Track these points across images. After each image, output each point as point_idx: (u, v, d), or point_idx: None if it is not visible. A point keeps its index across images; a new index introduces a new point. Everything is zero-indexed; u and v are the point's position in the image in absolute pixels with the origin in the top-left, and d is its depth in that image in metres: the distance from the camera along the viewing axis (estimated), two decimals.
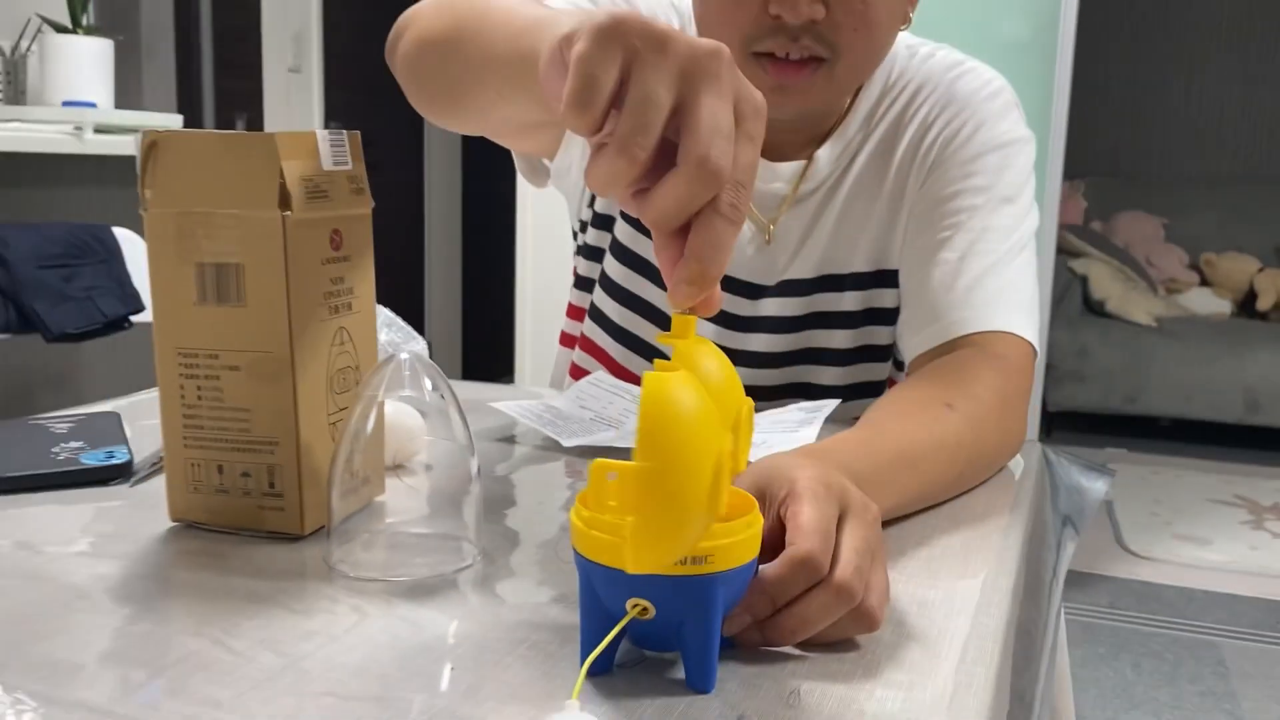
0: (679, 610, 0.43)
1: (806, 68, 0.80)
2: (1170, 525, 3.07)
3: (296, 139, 0.58)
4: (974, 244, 0.85)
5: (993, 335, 0.81)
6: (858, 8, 0.78)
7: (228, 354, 0.59)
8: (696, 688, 0.44)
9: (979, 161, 0.88)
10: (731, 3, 0.80)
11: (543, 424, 0.82)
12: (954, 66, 0.92)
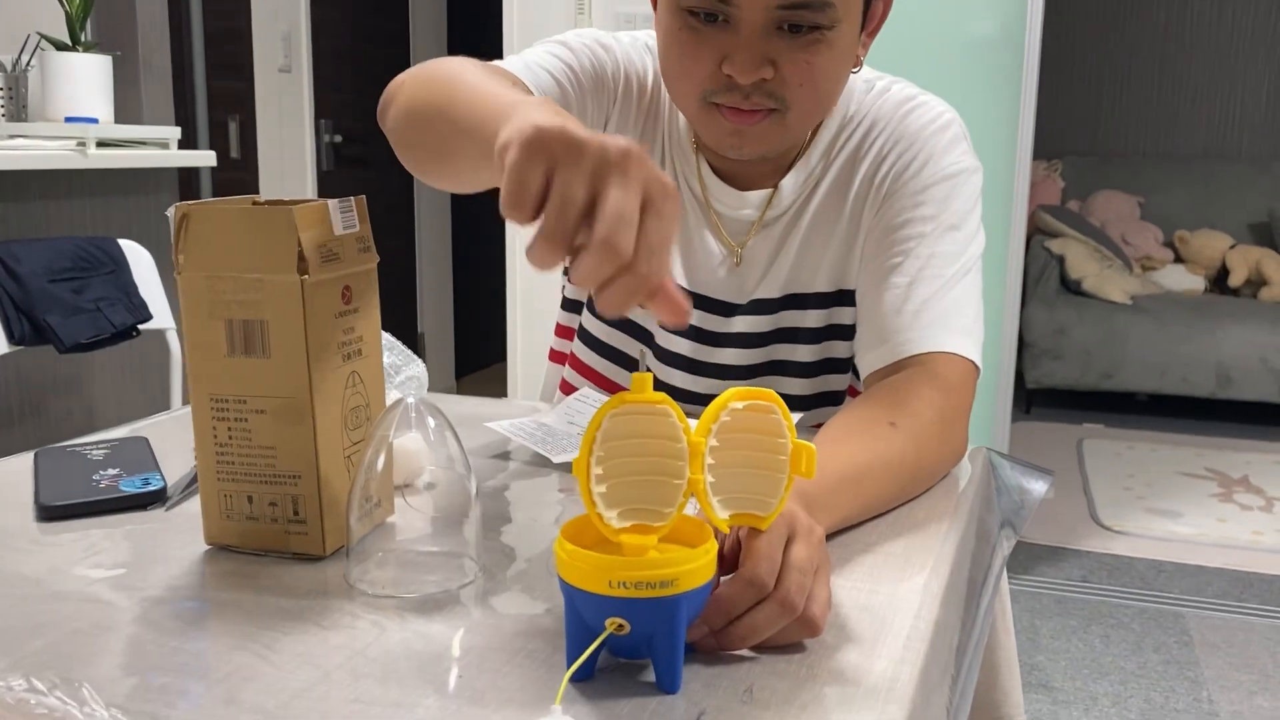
0: (649, 625, 0.52)
1: (759, 115, 0.88)
2: (1143, 499, 3.17)
3: (311, 210, 0.66)
4: (921, 270, 0.93)
5: (936, 356, 0.89)
6: (803, 66, 0.85)
7: (255, 399, 0.67)
8: (665, 689, 0.53)
9: (927, 192, 0.96)
10: (689, 60, 0.87)
11: (533, 441, 0.90)
12: (906, 102, 1.00)
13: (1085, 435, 3.86)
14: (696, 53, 0.86)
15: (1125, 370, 4.03)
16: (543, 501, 0.80)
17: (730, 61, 0.85)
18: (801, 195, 1.00)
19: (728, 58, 0.85)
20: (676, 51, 0.89)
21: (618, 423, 0.52)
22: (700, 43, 0.86)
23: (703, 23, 0.85)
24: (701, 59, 0.86)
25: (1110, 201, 4.62)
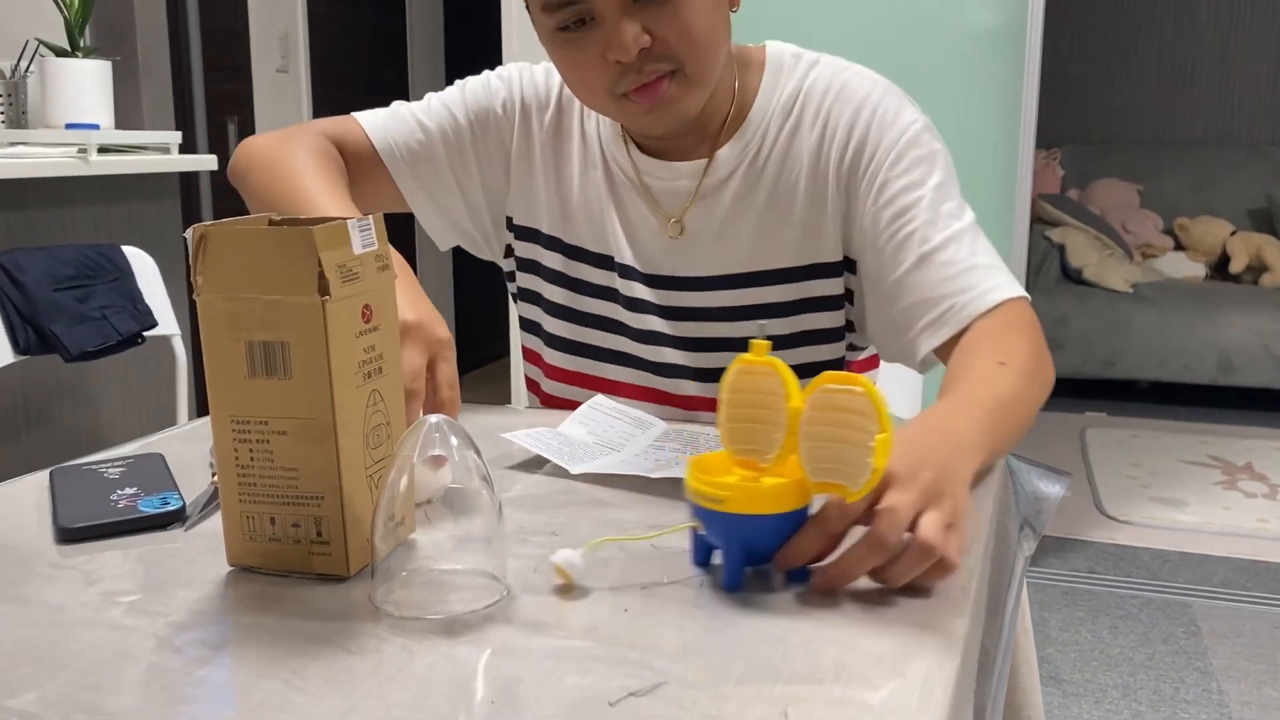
0: (713, 531, 0.66)
1: (662, 81, 0.93)
2: (1147, 488, 3.18)
3: (331, 230, 0.65)
4: (942, 233, 0.97)
5: (998, 308, 0.94)
6: (674, 21, 0.91)
7: (276, 420, 0.66)
8: (724, 585, 0.66)
9: (906, 158, 0.99)
10: (579, 68, 0.95)
11: (550, 452, 0.90)
12: (842, 71, 1.04)
13: (1088, 424, 3.86)
14: (581, 59, 0.94)
15: (1127, 358, 4.03)
16: (563, 515, 0.80)
17: (610, 49, 0.91)
18: (743, 164, 1.04)
19: (607, 48, 0.91)
20: (566, 66, 0.97)
21: (740, 378, 0.67)
22: (580, 49, 0.93)
23: (574, 31, 0.92)
24: (588, 61, 0.93)
25: (1110, 189, 4.62)
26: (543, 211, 1.12)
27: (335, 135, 1.11)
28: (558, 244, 1.12)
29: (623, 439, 0.96)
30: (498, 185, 1.13)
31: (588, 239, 1.10)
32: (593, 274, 1.11)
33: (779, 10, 2.39)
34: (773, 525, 0.65)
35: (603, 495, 0.83)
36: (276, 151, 1.07)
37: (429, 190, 1.12)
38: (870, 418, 0.61)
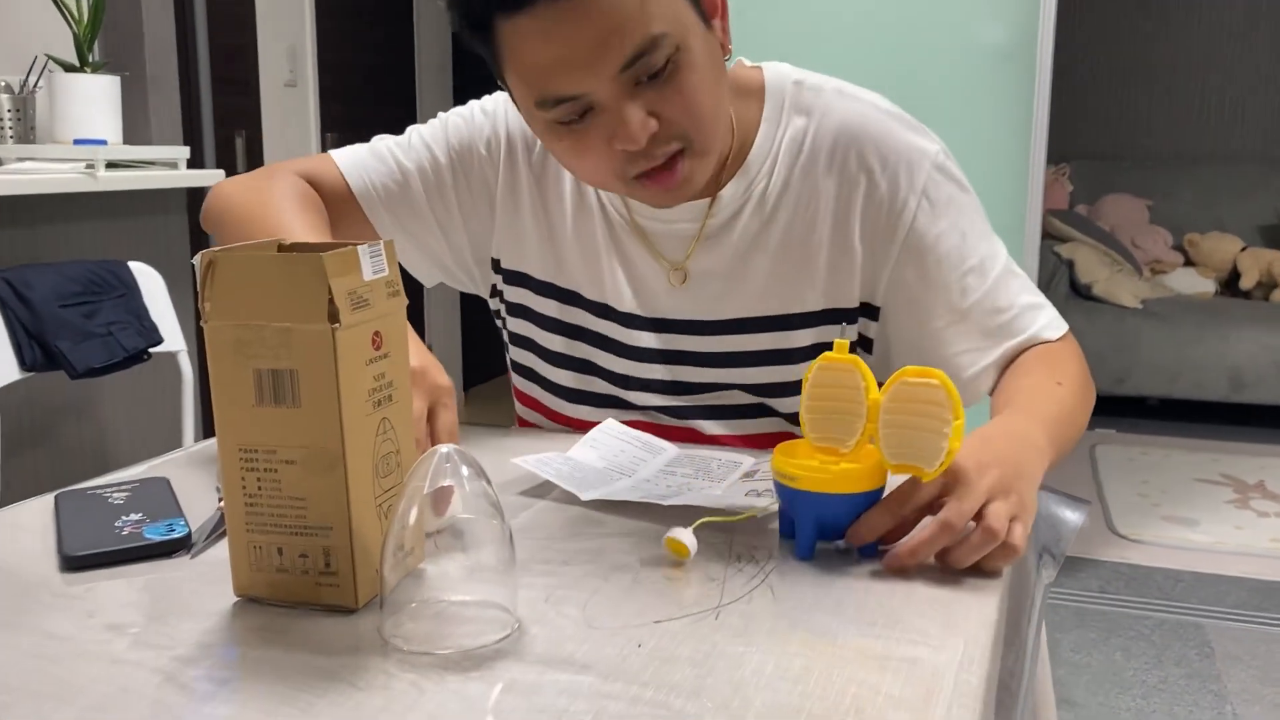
0: (789, 505, 0.75)
1: (676, 162, 0.88)
2: (1158, 507, 3.15)
3: (341, 257, 0.64)
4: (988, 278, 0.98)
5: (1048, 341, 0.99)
6: (677, 98, 0.85)
7: (285, 449, 0.65)
8: (798, 556, 0.74)
9: (940, 216, 0.97)
10: (583, 159, 0.89)
11: (560, 478, 0.89)
12: (851, 101, 0.99)
13: (1098, 441, 3.84)
14: (585, 149, 0.88)
15: (1136, 375, 4.01)
16: (574, 545, 0.79)
17: (616, 137, 0.85)
18: (749, 202, 0.99)
19: (612, 135, 0.85)
20: (568, 157, 0.91)
21: (823, 373, 0.74)
22: (582, 139, 0.87)
23: (576, 124, 0.86)
24: (593, 151, 0.87)
25: (1119, 205, 4.61)
26: (532, 254, 1.07)
27: (310, 175, 1.07)
28: (551, 289, 1.07)
29: (633, 464, 0.94)
30: (482, 226, 1.08)
31: (584, 284, 1.06)
32: (591, 321, 1.06)
33: (789, 26, 2.39)
34: (844, 504, 0.73)
35: (614, 522, 0.82)
36: (253, 195, 1.02)
37: (409, 231, 1.08)
38: (945, 406, 0.69)
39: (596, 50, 0.81)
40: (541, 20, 0.80)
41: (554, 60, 0.82)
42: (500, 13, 0.82)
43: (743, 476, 0.91)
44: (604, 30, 0.80)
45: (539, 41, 0.81)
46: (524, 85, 0.86)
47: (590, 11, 0.79)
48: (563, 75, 0.82)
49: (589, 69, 0.82)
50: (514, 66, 0.85)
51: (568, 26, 0.80)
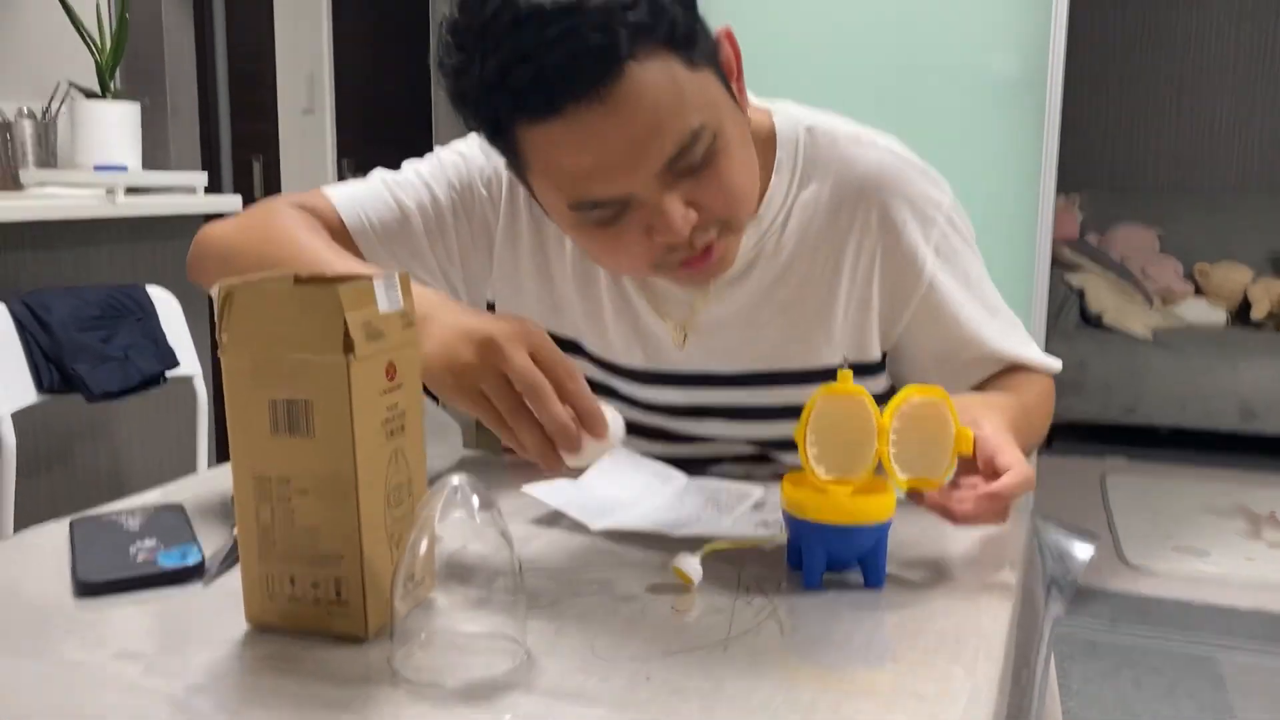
0: (796, 534, 0.76)
1: (712, 247, 0.85)
2: (1170, 537, 3.14)
3: (357, 290, 0.65)
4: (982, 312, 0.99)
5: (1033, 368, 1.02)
6: (717, 186, 0.81)
7: (299, 479, 0.66)
8: (806, 585, 0.75)
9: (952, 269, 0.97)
10: (616, 253, 0.85)
11: (570, 507, 0.89)
12: (866, 149, 0.96)
13: (1108, 470, 3.82)
14: (620, 245, 0.83)
15: (1147, 404, 4.00)
16: (584, 575, 0.79)
17: (656, 230, 0.81)
18: (762, 253, 0.96)
19: (650, 228, 0.81)
20: (600, 251, 0.87)
21: (826, 404, 0.74)
22: (618, 236, 0.82)
23: (611, 223, 0.82)
24: (629, 246, 0.83)
25: (1129, 234, 4.61)
26: (530, 300, 1.03)
27: (301, 208, 1.01)
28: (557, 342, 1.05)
29: (644, 492, 0.95)
30: (480, 268, 1.04)
31: (586, 334, 1.03)
32: (592, 370, 1.04)
33: (800, 57, 2.41)
34: (853, 535, 0.74)
35: (623, 552, 0.82)
36: (260, 233, 0.95)
37: (405, 269, 1.02)
38: (949, 421, 0.75)
39: (636, 152, 0.76)
40: (575, 124, 0.75)
41: (590, 165, 0.77)
42: (527, 118, 0.76)
43: (753, 507, 0.92)
44: (644, 131, 0.75)
45: (573, 147, 0.76)
46: (555, 190, 0.81)
47: (628, 112, 0.74)
48: (600, 180, 0.78)
49: (629, 172, 0.77)
50: (543, 170, 0.80)
51: (605, 129, 0.75)
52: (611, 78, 0.73)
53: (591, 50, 0.72)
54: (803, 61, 2.42)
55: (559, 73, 0.73)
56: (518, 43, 0.72)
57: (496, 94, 0.75)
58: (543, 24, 0.72)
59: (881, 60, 2.39)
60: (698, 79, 0.78)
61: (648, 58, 0.74)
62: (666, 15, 0.75)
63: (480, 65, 0.75)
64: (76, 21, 2.15)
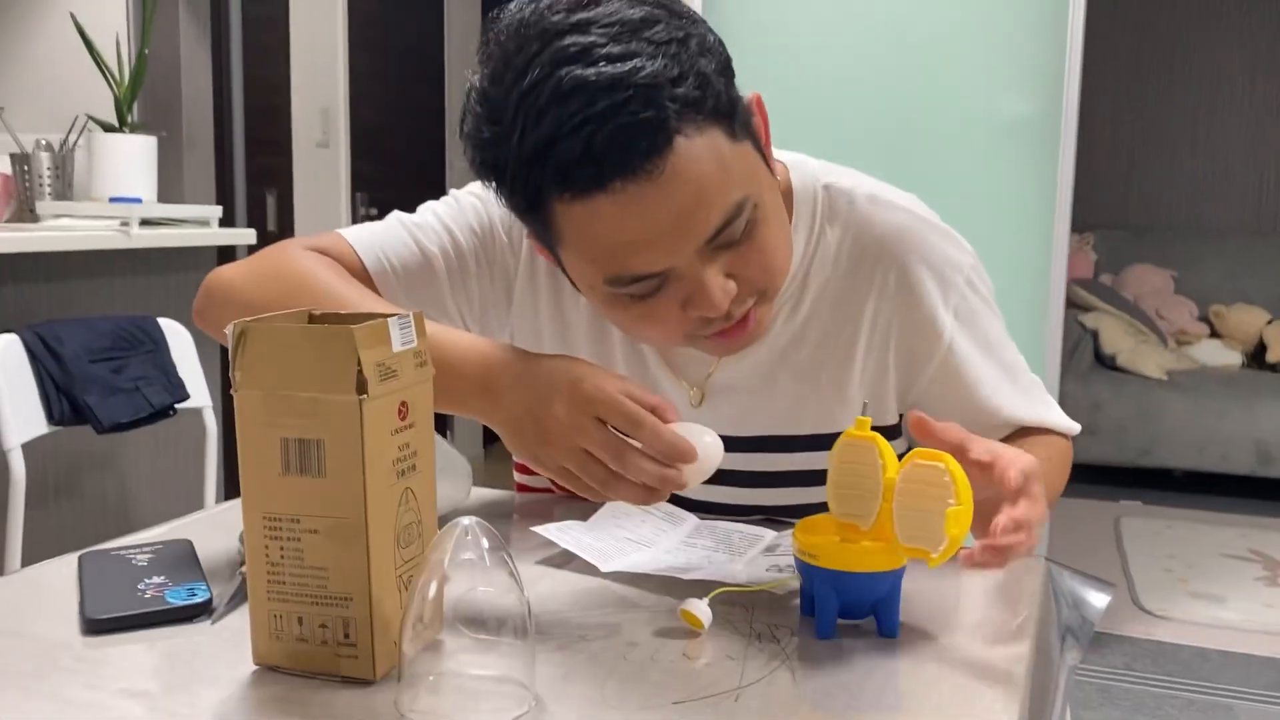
0: (809, 581, 0.75)
1: (748, 316, 0.82)
2: (1185, 582, 3.10)
3: (371, 330, 0.65)
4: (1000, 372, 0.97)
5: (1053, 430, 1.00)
6: (756, 258, 0.79)
7: (308, 519, 0.66)
8: (818, 635, 0.73)
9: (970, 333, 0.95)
10: (649, 325, 0.81)
11: (581, 549, 0.88)
12: (885, 210, 0.93)
13: (1123, 513, 3.79)
14: (654, 316, 0.80)
15: (1162, 446, 3.97)
16: (593, 618, 0.78)
17: (694, 304, 0.78)
18: (780, 314, 0.94)
19: (688, 301, 0.79)
20: (633, 324, 0.83)
21: (846, 449, 0.75)
22: (653, 309, 0.79)
23: (648, 297, 0.79)
24: (665, 319, 0.80)
25: (1143, 275, 4.60)
26: (546, 349, 0.99)
27: (316, 249, 0.97)
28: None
29: (654, 534, 0.94)
30: (498, 316, 1.01)
31: None
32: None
33: (819, 100, 2.42)
34: (865, 582, 0.72)
35: (633, 595, 0.81)
36: (267, 277, 0.92)
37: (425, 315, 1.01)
38: (949, 490, 0.68)
39: (682, 227, 0.74)
40: (621, 200, 0.72)
41: (633, 241, 0.74)
42: (570, 194, 0.73)
43: (765, 550, 0.91)
44: (690, 205, 0.73)
45: (616, 222, 0.73)
46: (590, 264, 0.78)
47: (675, 188, 0.72)
48: (643, 255, 0.75)
49: (672, 247, 0.75)
50: (580, 245, 0.77)
51: (651, 205, 0.72)
52: (660, 153, 0.71)
53: (640, 126, 0.70)
54: (818, 102, 2.43)
55: (607, 148, 0.70)
56: (561, 117, 0.69)
57: (538, 169, 0.72)
58: (589, 98, 0.69)
59: (897, 100, 2.40)
60: (739, 151, 0.76)
61: (695, 132, 0.72)
62: (712, 88, 0.73)
63: (519, 139, 0.71)
64: (96, 56, 2.17)
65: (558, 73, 0.70)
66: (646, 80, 0.70)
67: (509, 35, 0.74)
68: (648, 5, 0.73)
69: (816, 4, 2.46)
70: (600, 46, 0.70)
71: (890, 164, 2.51)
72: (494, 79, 0.74)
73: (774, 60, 2.45)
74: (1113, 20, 4.80)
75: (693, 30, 0.74)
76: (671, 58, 0.71)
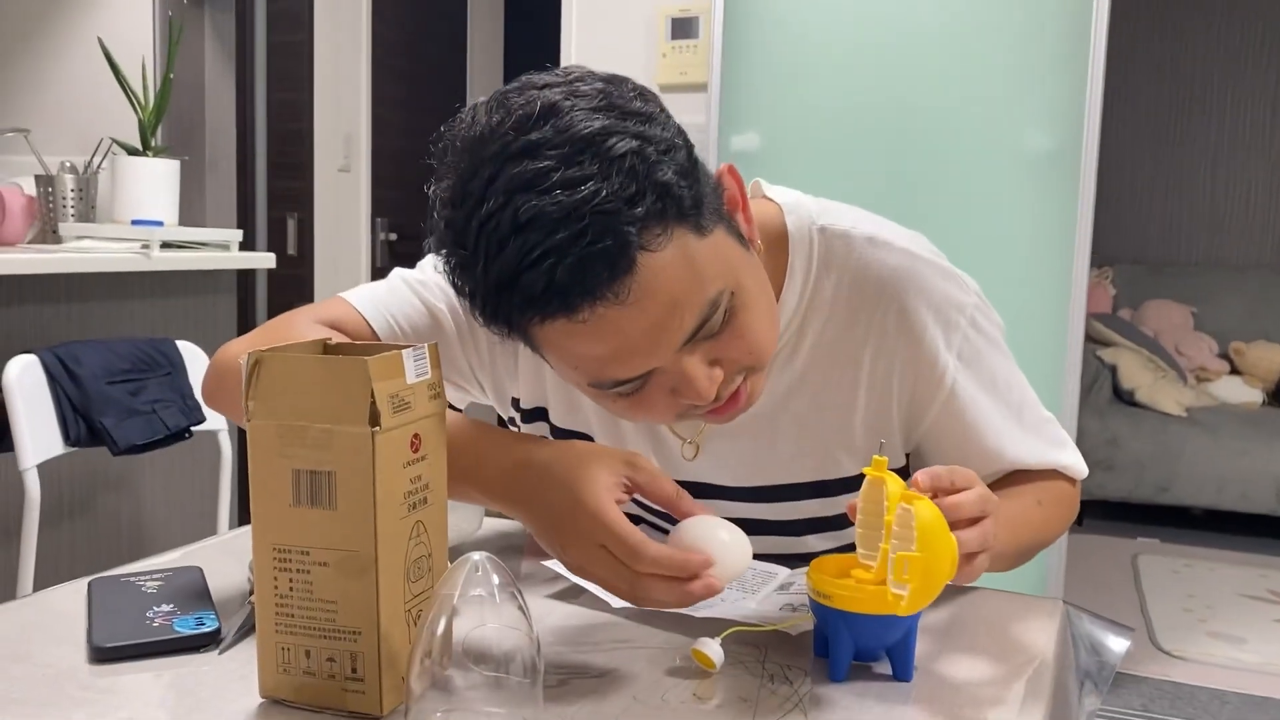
0: (822, 620, 0.74)
1: (738, 393, 0.81)
2: (1204, 622, 3.06)
3: (385, 361, 0.65)
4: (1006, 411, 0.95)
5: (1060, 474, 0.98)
6: (740, 342, 0.77)
7: (318, 551, 0.65)
8: (831, 678, 0.73)
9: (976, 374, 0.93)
10: (644, 412, 0.80)
11: (592, 585, 0.87)
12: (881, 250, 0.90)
13: (1140, 550, 3.74)
14: (643, 405, 0.79)
15: (1181, 483, 3.92)
16: (603, 656, 0.77)
17: (681, 393, 0.77)
18: (775, 365, 0.92)
19: (675, 390, 0.77)
20: (620, 409, 0.81)
21: (868, 489, 0.73)
22: (641, 399, 0.78)
23: (634, 390, 0.78)
24: (653, 405, 0.79)
25: (1162, 311, 4.57)
26: (549, 394, 1.00)
27: (328, 322, 0.94)
28: (566, 434, 1.01)
29: None
30: (506, 366, 1.00)
31: (598, 434, 0.99)
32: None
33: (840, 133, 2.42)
34: (879, 625, 0.72)
35: (643, 633, 0.81)
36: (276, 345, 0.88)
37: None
38: (910, 535, 0.68)
39: (655, 337, 0.73)
40: (588, 322, 0.71)
41: (609, 354, 0.73)
42: (536, 317, 0.72)
43: (779, 588, 0.90)
44: (662, 315, 0.72)
45: (588, 340, 0.72)
46: (574, 371, 0.77)
47: (643, 305, 0.70)
48: (621, 364, 0.74)
49: (649, 354, 0.74)
50: (558, 357, 0.77)
51: (622, 322, 0.71)
52: (624, 276, 0.69)
53: (601, 255, 0.68)
54: (838, 135, 2.43)
55: (570, 279, 0.68)
56: (522, 249, 0.68)
57: (505, 297, 0.71)
58: (548, 229, 0.67)
59: (918, 133, 2.40)
60: (709, 243, 0.74)
61: (660, 244, 0.70)
62: (673, 196, 0.70)
63: (483, 267, 0.70)
64: (123, 80, 2.19)
65: (514, 200, 0.68)
66: (604, 205, 0.67)
67: (464, 150, 0.72)
68: (601, 113, 0.70)
69: (838, 36, 2.47)
70: (555, 170, 0.67)
71: (911, 197, 2.51)
72: (454, 201, 0.72)
73: (795, 94, 2.46)
74: (1133, 56, 4.80)
75: (650, 134, 0.70)
76: (628, 173, 0.68)
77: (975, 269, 1.01)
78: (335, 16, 3.49)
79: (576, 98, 0.70)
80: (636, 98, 0.73)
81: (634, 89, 0.74)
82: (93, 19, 2.50)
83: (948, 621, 0.83)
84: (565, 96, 0.70)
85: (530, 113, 0.70)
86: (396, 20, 3.70)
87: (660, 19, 2.80)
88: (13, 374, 1.67)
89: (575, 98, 0.70)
